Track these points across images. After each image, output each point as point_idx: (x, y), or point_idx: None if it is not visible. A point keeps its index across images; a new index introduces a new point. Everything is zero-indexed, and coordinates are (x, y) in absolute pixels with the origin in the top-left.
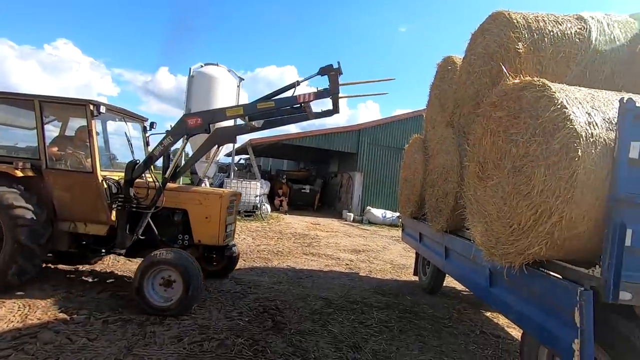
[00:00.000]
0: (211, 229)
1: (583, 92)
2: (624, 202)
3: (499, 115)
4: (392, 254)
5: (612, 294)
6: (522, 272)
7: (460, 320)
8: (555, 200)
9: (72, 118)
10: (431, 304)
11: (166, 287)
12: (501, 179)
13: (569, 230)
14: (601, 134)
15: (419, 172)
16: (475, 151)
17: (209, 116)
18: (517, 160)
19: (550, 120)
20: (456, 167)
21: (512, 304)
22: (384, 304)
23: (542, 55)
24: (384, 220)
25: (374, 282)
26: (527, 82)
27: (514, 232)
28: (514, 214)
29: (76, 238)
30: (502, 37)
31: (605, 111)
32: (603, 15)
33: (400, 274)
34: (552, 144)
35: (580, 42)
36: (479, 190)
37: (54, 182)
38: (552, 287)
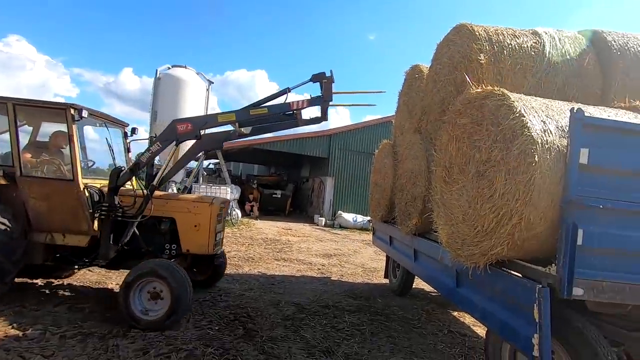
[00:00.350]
0: (200, 238)
1: (538, 102)
2: (575, 204)
3: (463, 122)
4: (363, 258)
5: (566, 290)
6: (486, 272)
7: (429, 320)
8: (515, 203)
9: (44, 123)
10: (401, 306)
11: (153, 300)
12: (466, 183)
13: (527, 231)
14: (555, 141)
15: (388, 176)
16: (441, 156)
17: (200, 122)
18: (481, 165)
19: (509, 128)
20: (424, 172)
21: (477, 303)
22: (356, 307)
23: (502, 66)
24: (355, 224)
25: (346, 286)
26: (488, 91)
27: (478, 233)
28: (478, 216)
29: (53, 250)
30: (466, 49)
31: (558, 120)
32: (555, 31)
33: (372, 277)
34: (512, 149)
35: (536, 55)
36: (445, 194)
37: (30, 190)
38: (513, 286)
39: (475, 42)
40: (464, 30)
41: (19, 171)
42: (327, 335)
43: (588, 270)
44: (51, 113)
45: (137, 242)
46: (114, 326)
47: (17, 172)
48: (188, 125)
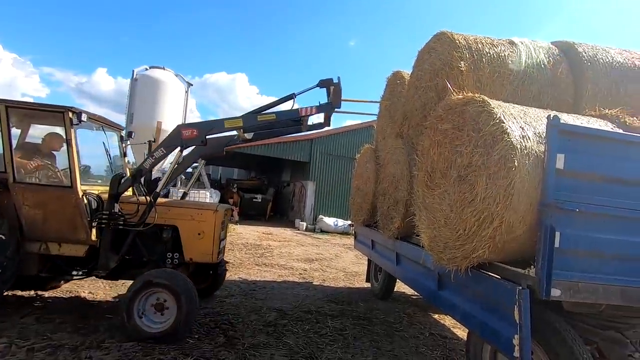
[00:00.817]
0: (204, 246)
1: (517, 109)
2: (553, 207)
3: (445, 127)
4: (345, 262)
5: (545, 291)
6: (468, 274)
7: (410, 323)
8: (496, 207)
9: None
10: (383, 310)
11: (158, 311)
12: (448, 188)
13: (508, 234)
14: (533, 147)
15: (370, 181)
16: (423, 161)
17: (205, 127)
18: (462, 169)
19: (490, 134)
20: (406, 176)
21: (458, 305)
22: (338, 312)
23: (481, 74)
24: (336, 228)
25: (328, 290)
26: (469, 97)
27: (460, 237)
28: (459, 220)
29: (47, 260)
30: (447, 56)
31: (535, 126)
32: (530, 41)
33: (353, 282)
34: (492, 155)
35: (513, 64)
36: (427, 198)
37: (23, 198)
38: (494, 288)
39: (456, 49)
40: (445, 38)
41: (12, 177)
42: (310, 341)
43: (565, 271)
44: (47, 116)
45: (138, 251)
46: (86, 337)
47: (10, 178)
48: (193, 131)
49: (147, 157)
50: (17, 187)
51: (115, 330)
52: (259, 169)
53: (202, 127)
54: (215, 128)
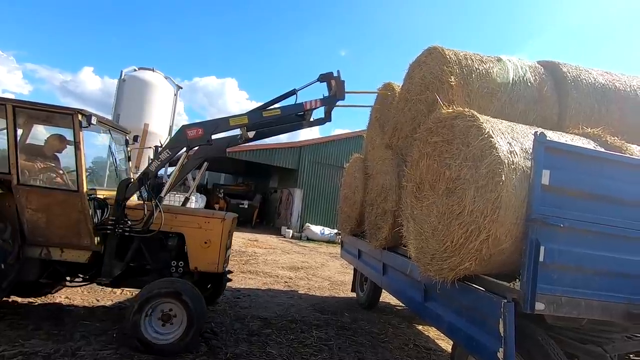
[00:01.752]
0: (210, 255)
1: (504, 124)
2: (538, 222)
3: (435, 140)
4: (331, 271)
5: (529, 305)
6: (454, 286)
7: (395, 334)
8: (484, 220)
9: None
10: (368, 320)
11: (165, 322)
12: (436, 200)
13: (494, 247)
14: (520, 162)
15: (359, 190)
16: (412, 172)
17: (210, 126)
18: (450, 182)
19: (478, 148)
20: (395, 187)
21: (444, 317)
22: (323, 321)
23: (471, 89)
24: (322, 236)
25: (313, 299)
26: (459, 112)
27: (447, 249)
28: (447, 232)
29: (47, 266)
30: (437, 70)
31: (522, 142)
32: (517, 59)
33: (339, 291)
34: (481, 168)
35: (501, 81)
36: (415, 209)
37: (27, 201)
38: (479, 300)
39: (446, 64)
40: (436, 53)
41: (16, 179)
42: (294, 351)
43: (549, 285)
44: (54, 118)
45: (143, 258)
46: (60, 345)
47: (14, 180)
48: (199, 131)
49: (153, 160)
50: (21, 190)
51: (91, 337)
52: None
53: (207, 126)
54: (221, 126)
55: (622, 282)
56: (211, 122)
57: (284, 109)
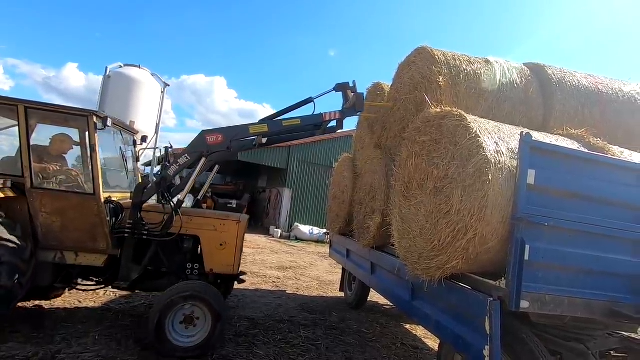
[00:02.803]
0: (226, 257)
1: (491, 125)
2: (523, 221)
3: (423, 139)
4: (319, 271)
5: (514, 303)
6: (441, 285)
7: (383, 334)
8: (470, 219)
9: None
10: (356, 319)
11: (187, 325)
12: (424, 199)
13: (481, 246)
14: (506, 162)
15: (347, 189)
16: (401, 172)
17: (230, 132)
18: (438, 181)
19: (466, 147)
20: (383, 186)
21: (431, 316)
22: (311, 321)
23: (459, 89)
24: (311, 236)
25: (301, 299)
26: (447, 111)
27: (434, 248)
28: (434, 231)
29: (61, 270)
30: (426, 70)
31: (509, 142)
32: (504, 61)
33: (327, 291)
34: (468, 168)
35: (488, 82)
36: (404, 208)
37: (41, 204)
38: (466, 299)
39: (435, 65)
40: (425, 53)
41: (29, 182)
42: (282, 352)
43: (533, 284)
44: (67, 119)
45: (159, 261)
46: (40, 348)
47: (28, 184)
48: (218, 137)
49: (171, 164)
50: (35, 193)
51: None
52: (235, 174)
53: (227, 133)
54: (240, 133)
55: (605, 281)
56: (231, 129)
57: (303, 119)
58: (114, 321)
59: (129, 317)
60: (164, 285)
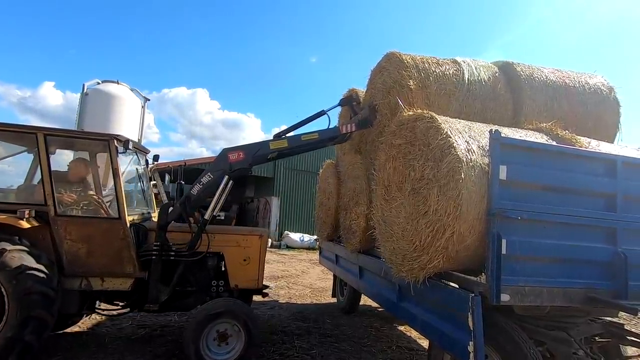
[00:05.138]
0: (250, 272)
1: (462, 124)
2: (498, 216)
3: (398, 142)
4: (311, 278)
5: (495, 297)
6: (425, 285)
7: (377, 338)
8: (447, 218)
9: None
10: (350, 325)
11: (221, 342)
12: (403, 200)
13: (459, 243)
14: (477, 159)
15: (333, 196)
16: (380, 175)
17: (252, 149)
18: (415, 182)
19: (438, 147)
20: (365, 191)
21: (418, 316)
22: (305, 330)
23: (429, 91)
24: (301, 243)
25: (294, 308)
26: (419, 114)
27: (416, 248)
28: (415, 232)
29: (87, 297)
30: (396, 75)
31: (479, 140)
32: (471, 60)
33: (320, 298)
34: (441, 168)
35: (457, 81)
36: (385, 211)
37: (65, 231)
38: (448, 296)
39: (405, 69)
40: (394, 58)
41: (53, 210)
42: None
43: (512, 276)
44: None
45: (186, 280)
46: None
47: (52, 212)
48: (240, 154)
49: (195, 184)
50: (60, 221)
51: None
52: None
53: (248, 150)
54: (261, 150)
55: (581, 269)
56: (252, 146)
57: (321, 133)
58: (100, 346)
59: (117, 340)
60: (191, 304)
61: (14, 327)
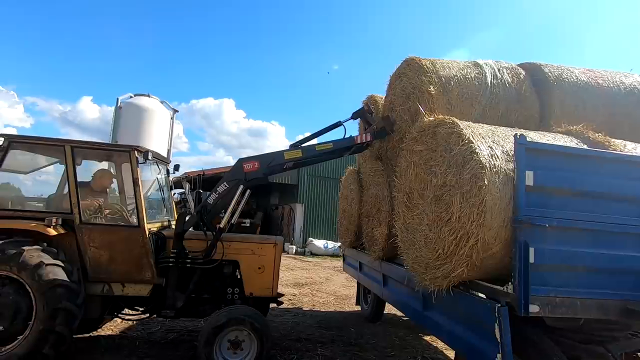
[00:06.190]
0: (265, 280)
1: (485, 128)
2: (525, 223)
3: (420, 149)
4: (335, 285)
5: (523, 308)
6: (449, 294)
7: (402, 347)
8: (471, 225)
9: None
10: (374, 334)
11: (234, 349)
12: (425, 208)
13: (484, 252)
14: (502, 165)
15: (355, 203)
16: (402, 182)
17: (266, 159)
18: (437, 189)
19: (460, 154)
20: (387, 198)
21: (443, 326)
22: (328, 338)
23: (451, 96)
24: (326, 250)
25: (318, 316)
26: (440, 120)
27: (439, 257)
28: (438, 239)
29: (108, 302)
30: (416, 81)
31: (503, 145)
32: (494, 62)
33: (344, 305)
34: (464, 174)
35: (479, 85)
36: (407, 219)
37: (89, 239)
38: (474, 306)
39: (425, 74)
40: (414, 64)
41: (78, 218)
42: None
43: (542, 287)
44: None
45: (202, 287)
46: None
47: (77, 220)
48: (255, 164)
49: (210, 193)
50: (84, 228)
51: None
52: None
53: (263, 160)
54: (276, 160)
55: (617, 279)
56: (266, 156)
57: (335, 143)
58: (132, 349)
59: (146, 344)
60: (207, 311)
61: (43, 319)
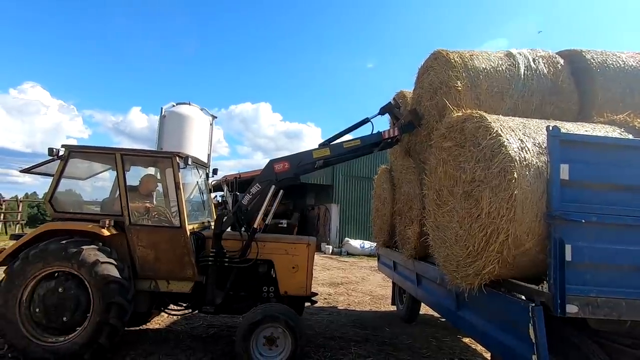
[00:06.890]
0: (299, 279)
1: (516, 121)
2: (560, 219)
3: (448, 145)
4: (371, 285)
5: (559, 308)
6: (482, 292)
7: (438, 348)
8: (501, 220)
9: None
10: (410, 334)
11: (269, 346)
12: (455, 204)
13: (516, 248)
14: (533, 158)
15: (387, 201)
16: (431, 179)
17: (296, 159)
18: (467, 185)
19: (488, 147)
20: (418, 195)
21: (477, 326)
22: (363, 337)
23: (479, 90)
24: (362, 250)
25: (353, 315)
26: (467, 114)
27: (470, 254)
28: (468, 236)
29: (155, 297)
30: (443, 75)
31: (535, 137)
32: (529, 51)
33: (380, 305)
34: (492, 168)
35: (511, 77)
36: (438, 216)
37: (137, 238)
38: (507, 305)
39: (452, 69)
40: (441, 58)
41: (128, 220)
42: None
43: (581, 286)
44: (155, 161)
45: (239, 285)
46: None
47: (127, 221)
48: (285, 164)
49: (245, 194)
50: (133, 229)
51: None
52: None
53: (292, 160)
54: (305, 159)
55: None
56: (296, 156)
57: (363, 139)
58: (177, 342)
59: (189, 338)
60: (244, 308)
61: (100, 312)
